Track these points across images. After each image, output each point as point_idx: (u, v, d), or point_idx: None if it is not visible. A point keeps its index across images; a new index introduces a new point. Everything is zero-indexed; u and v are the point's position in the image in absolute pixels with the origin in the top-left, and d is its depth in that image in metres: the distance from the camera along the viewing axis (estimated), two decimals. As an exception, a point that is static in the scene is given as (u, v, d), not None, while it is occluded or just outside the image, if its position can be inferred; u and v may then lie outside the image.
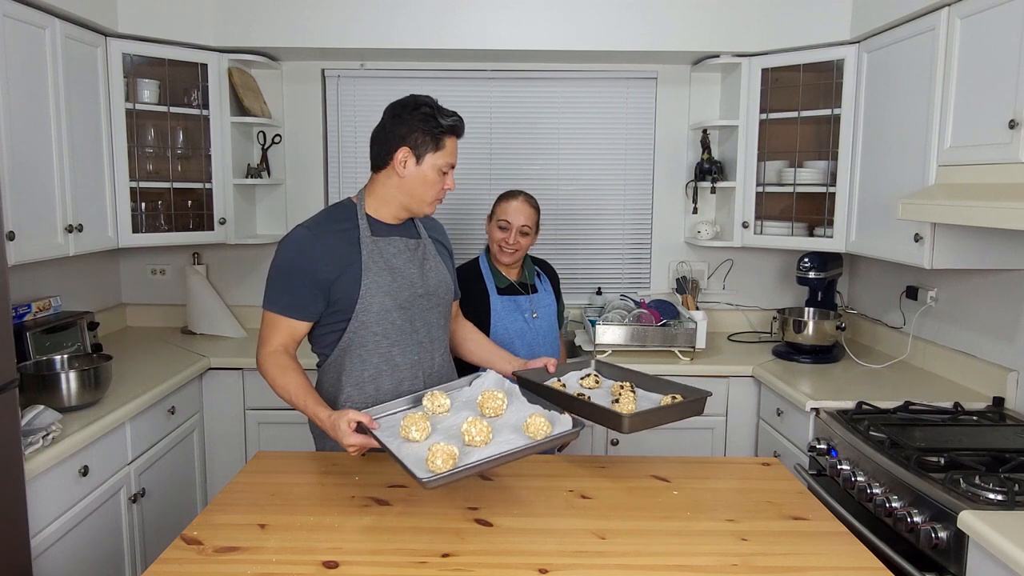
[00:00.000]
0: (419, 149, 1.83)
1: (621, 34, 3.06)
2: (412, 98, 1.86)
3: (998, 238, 2.30)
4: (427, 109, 1.82)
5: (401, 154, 1.83)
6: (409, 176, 1.85)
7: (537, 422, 1.58)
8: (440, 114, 1.83)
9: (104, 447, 2.25)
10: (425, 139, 1.82)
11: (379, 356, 1.88)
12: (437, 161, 1.85)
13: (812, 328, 2.97)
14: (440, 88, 3.49)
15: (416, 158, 1.83)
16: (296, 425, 3.01)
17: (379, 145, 1.88)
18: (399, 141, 1.83)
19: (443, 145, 1.84)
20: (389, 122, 1.85)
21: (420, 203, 1.89)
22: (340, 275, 1.82)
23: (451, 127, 1.85)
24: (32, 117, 2.41)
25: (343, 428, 1.64)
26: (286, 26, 3.06)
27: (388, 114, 1.87)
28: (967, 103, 2.16)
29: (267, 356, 1.83)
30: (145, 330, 3.49)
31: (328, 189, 3.56)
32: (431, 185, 1.86)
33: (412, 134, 1.82)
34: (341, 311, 1.84)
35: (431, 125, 1.82)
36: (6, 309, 1.77)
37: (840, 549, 1.44)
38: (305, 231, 1.85)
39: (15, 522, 1.78)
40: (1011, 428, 2.19)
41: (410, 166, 1.84)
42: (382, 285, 1.84)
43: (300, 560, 1.37)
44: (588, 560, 1.38)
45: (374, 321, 1.85)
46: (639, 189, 3.58)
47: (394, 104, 1.87)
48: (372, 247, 1.86)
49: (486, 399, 1.71)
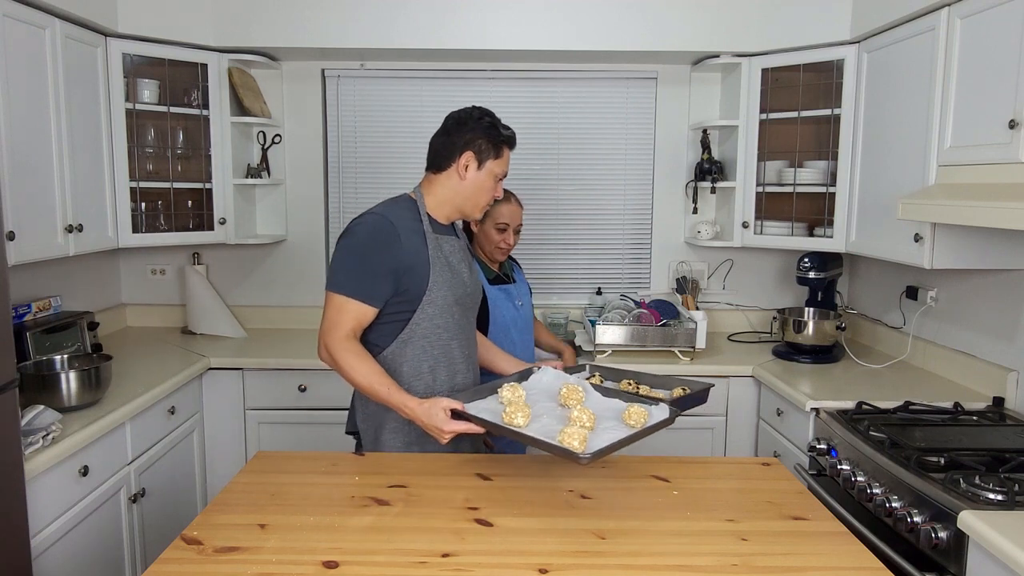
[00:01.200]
0: (482, 155, 1.93)
1: (621, 34, 3.06)
2: (476, 108, 1.96)
3: (998, 238, 2.30)
4: (489, 119, 1.95)
5: (465, 158, 1.92)
6: (469, 180, 1.93)
7: (638, 410, 1.66)
8: (500, 125, 1.96)
9: (104, 447, 2.25)
10: (488, 146, 1.93)
11: (440, 348, 1.93)
12: (495, 168, 1.95)
13: (812, 328, 2.97)
14: (440, 88, 3.49)
15: (479, 163, 1.93)
16: (296, 425, 3.03)
17: (442, 148, 1.95)
18: (464, 146, 1.92)
19: (502, 154, 1.96)
20: (454, 128, 1.94)
21: (474, 207, 1.98)
22: (413, 266, 1.86)
23: (509, 138, 1.97)
24: (32, 117, 2.41)
25: (441, 416, 1.70)
26: (286, 26, 3.06)
27: (453, 121, 1.95)
28: (967, 103, 2.16)
29: (340, 341, 1.82)
30: (145, 330, 3.50)
31: (328, 189, 3.56)
32: (487, 191, 1.96)
33: (476, 140, 1.92)
34: (407, 302, 1.88)
35: (494, 134, 1.93)
36: (6, 309, 1.77)
37: (840, 549, 1.44)
38: (381, 218, 1.86)
39: (15, 522, 1.78)
40: (1011, 428, 2.19)
41: (471, 170, 1.93)
42: (446, 280, 1.91)
43: (300, 560, 1.37)
44: (588, 560, 1.38)
45: (438, 314, 1.91)
46: (639, 189, 3.58)
47: (458, 112, 1.96)
48: (435, 243, 1.93)
49: (570, 392, 1.78)
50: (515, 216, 2.54)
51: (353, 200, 3.56)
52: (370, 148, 3.54)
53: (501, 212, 2.51)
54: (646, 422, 1.64)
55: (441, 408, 1.71)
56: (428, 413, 1.72)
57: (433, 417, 1.71)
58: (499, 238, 2.52)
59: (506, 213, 2.52)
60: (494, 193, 1.98)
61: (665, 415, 1.68)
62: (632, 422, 1.64)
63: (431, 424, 1.72)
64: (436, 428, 1.72)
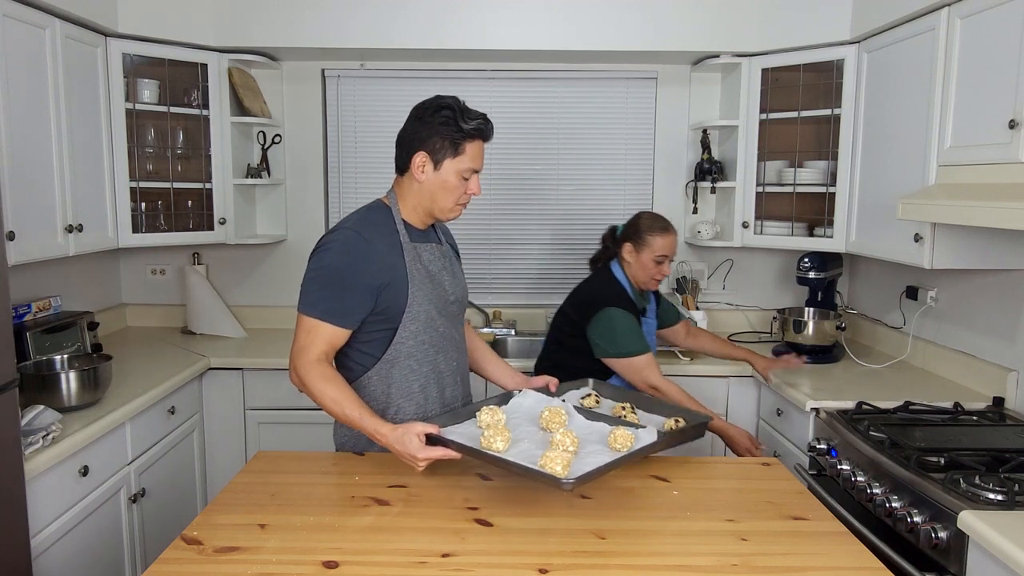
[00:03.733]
0: (437, 154, 1.76)
1: (621, 34, 3.06)
2: (436, 99, 1.78)
3: (998, 238, 2.30)
4: (448, 112, 1.74)
5: (419, 159, 1.76)
6: (427, 182, 1.78)
7: (623, 433, 1.60)
8: (463, 117, 1.74)
9: (104, 447, 2.25)
10: (444, 143, 1.75)
11: (427, 365, 1.84)
12: (458, 166, 1.76)
13: (812, 328, 2.97)
14: (440, 88, 3.45)
15: (434, 163, 1.76)
16: (296, 425, 3.03)
17: (400, 148, 1.81)
18: (418, 145, 1.76)
19: (463, 150, 1.76)
20: (410, 124, 1.79)
21: (442, 209, 1.82)
22: (390, 282, 1.75)
23: (474, 131, 1.76)
24: (32, 117, 2.41)
25: (415, 443, 1.57)
26: (286, 26, 3.06)
27: (411, 116, 1.80)
28: (967, 103, 2.16)
29: (310, 365, 1.71)
30: (145, 330, 3.50)
31: (328, 189, 3.57)
32: (451, 191, 1.78)
33: (431, 139, 1.75)
34: (386, 319, 1.78)
35: (451, 130, 1.74)
36: (6, 309, 1.77)
37: (840, 549, 1.44)
38: (354, 234, 1.74)
39: (15, 522, 1.78)
40: (1011, 428, 2.19)
41: (428, 171, 1.77)
42: (426, 292, 1.80)
43: (300, 560, 1.37)
44: (588, 560, 1.38)
45: (422, 329, 1.80)
46: (639, 189, 3.58)
47: (418, 105, 1.80)
48: (413, 253, 1.80)
49: (552, 415, 1.71)
50: (673, 247, 2.47)
51: (353, 200, 3.56)
52: (370, 148, 3.54)
53: (661, 244, 2.44)
54: (632, 446, 1.58)
55: (415, 434, 1.58)
56: (401, 440, 1.59)
57: (407, 444, 1.58)
58: (656, 269, 2.46)
59: (665, 245, 2.44)
60: (465, 191, 1.79)
61: (653, 438, 1.62)
62: (618, 446, 1.58)
63: (404, 452, 1.59)
64: (410, 456, 1.59)
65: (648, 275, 2.47)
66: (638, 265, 2.47)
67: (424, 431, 1.59)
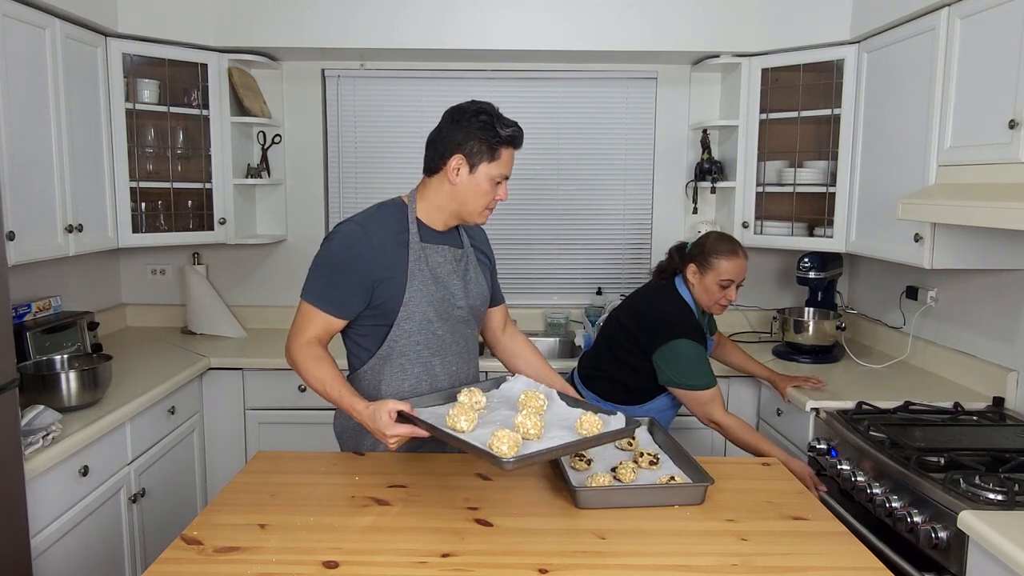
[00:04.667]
0: (474, 158, 1.77)
1: (621, 34, 3.06)
2: (473, 104, 1.80)
3: (998, 238, 2.30)
4: (486, 117, 1.76)
5: (455, 162, 1.77)
6: (461, 185, 1.79)
7: (591, 419, 1.58)
8: (499, 123, 1.77)
9: (104, 447, 2.25)
10: (481, 148, 1.76)
11: (420, 366, 1.84)
12: (491, 171, 1.78)
13: (812, 328, 2.97)
14: (440, 88, 3.49)
15: (470, 167, 1.77)
16: (296, 425, 3.03)
17: (433, 149, 1.82)
18: (455, 148, 1.77)
19: (499, 156, 1.78)
20: (447, 127, 1.79)
21: (471, 212, 1.83)
22: (386, 278, 1.77)
23: (509, 138, 1.78)
24: (32, 117, 2.41)
25: (384, 419, 1.58)
26: (286, 26, 3.06)
27: (447, 118, 1.81)
28: (967, 103, 2.16)
29: (300, 347, 1.75)
30: (145, 330, 3.50)
31: (328, 189, 3.57)
32: (483, 195, 1.80)
33: (468, 142, 1.76)
34: (382, 315, 1.80)
35: (489, 135, 1.76)
36: (6, 309, 1.77)
37: (840, 549, 1.44)
38: (357, 227, 1.78)
39: (15, 522, 1.78)
40: (1011, 428, 2.19)
41: (463, 174, 1.78)
42: (426, 294, 1.80)
43: (300, 560, 1.37)
44: (588, 560, 1.38)
45: (416, 330, 1.81)
46: (639, 189, 3.58)
47: (453, 108, 1.81)
48: (420, 253, 1.80)
49: (528, 398, 1.68)
50: (740, 271, 2.32)
51: (353, 200, 3.56)
52: (370, 148, 3.54)
53: (726, 268, 2.29)
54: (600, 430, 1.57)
55: (386, 411, 1.58)
56: (372, 416, 1.60)
57: (377, 420, 1.59)
58: (720, 294, 2.32)
59: (731, 269, 2.30)
60: (494, 196, 1.82)
61: (621, 425, 1.61)
62: (584, 431, 1.56)
63: (375, 428, 1.60)
64: (379, 432, 1.60)
65: (712, 299, 2.34)
66: (702, 288, 2.35)
67: (396, 408, 1.59)
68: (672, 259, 2.45)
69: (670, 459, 1.77)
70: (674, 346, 2.27)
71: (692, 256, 2.38)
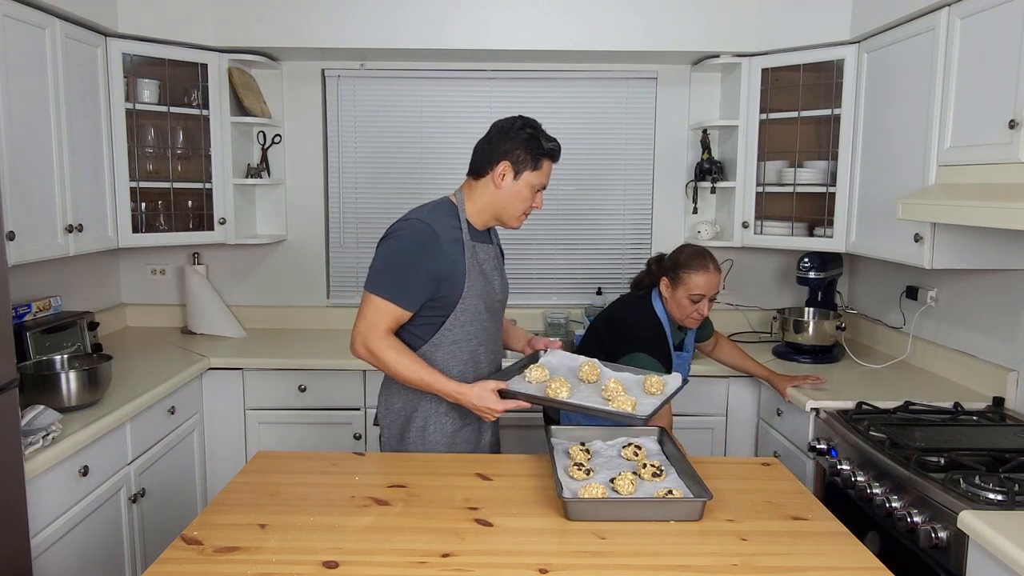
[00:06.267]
0: (519, 165, 1.94)
1: (621, 34, 3.06)
2: (520, 119, 1.98)
3: (998, 238, 2.30)
4: (531, 130, 1.95)
5: (502, 167, 1.94)
6: (505, 189, 1.95)
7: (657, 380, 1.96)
8: (543, 137, 1.96)
9: (104, 447, 2.25)
10: (526, 157, 1.94)
11: (468, 353, 1.99)
12: (532, 180, 1.96)
13: (812, 328, 2.97)
14: (440, 88, 3.49)
15: (515, 173, 1.94)
16: (296, 425, 3.03)
17: (482, 155, 1.98)
18: (502, 155, 1.94)
19: (541, 166, 1.96)
20: (496, 136, 1.96)
21: (510, 216, 2.00)
22: (451, 274, 1.91)
23: (550, 150, 1.97)
24: (32, 117, 2.41)
25: (493, 398, 1.83)
26: (286, 26, 3.06)
27: (496, 129, 1.98)
28: (967, 103, 2.16)
29: (380, 339, 1.88)
30: (145, 330, 3.50)
31: (328, 189, 3.57)
32: (523, 200, 1.97)
33: (515, 151, 1.93)
34: (441, 308, 1.93)
35: (533, 145, 1.94)
36: (6, 309, 1.77)
37: (840, 549, 1.44)
38: (425, 226, 1.90)
39: (15, 522, 1.78)
40: (1011, 428, 2.19)
41: (507, 179, 1.95)
42: (479, 289, 1.96)
43: (300, 560, 1.37)
44: (588, 560, 1.38)
45: (470, 321, 1.96)
46: (639, 189, 3.58)
47: (503, 120, 1.99)
48: (472, 251, 1.96)
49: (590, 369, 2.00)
50: (711, 286, 2.31)
51: (353, 200, 3.56)
52: (370, 148, 3.54)
53: (696, 282, 2.28)
54: (664, 388, 1.94)
55: (490, 390, 1.83)
56: (480, 396, 1.83)
57: (485, 399, 1.83)
58: (692, 308, 2.31)
59: (702, 284, 2.28)
60: (531, 204, 1.99)
61: (678, 383, 1.97)
62: (654, 390, 1.92)
63: (483, 406, 1.83)
64: (488, 409, 1.83)
65: (684, 313, 2.33)
66: (674, 302, 2.34)
67: (497, 387, 1.84)
68: (649, 271, 2.45)
69: (675, 471, 1.75)
70: (634, 357, 2.28)
71: (665, 270, 2.38)
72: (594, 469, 1.72)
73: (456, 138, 3.51)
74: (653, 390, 1.92)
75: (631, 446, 1.82)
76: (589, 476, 1.69)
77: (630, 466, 1.76)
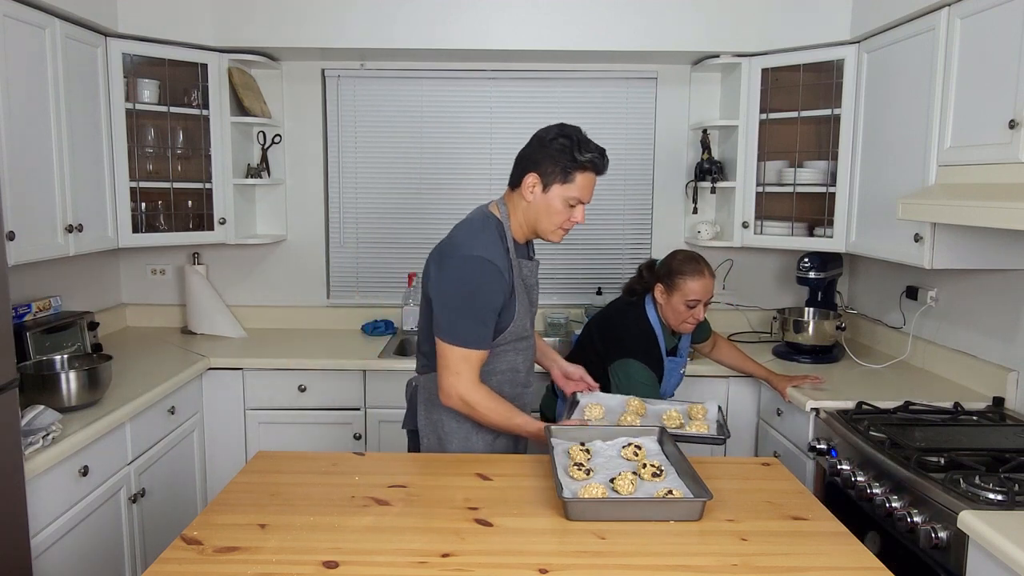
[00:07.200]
0: (547, 178, 1.86)
1: (621, 34, 3.06)
2: (558, 127, 1.90)
3: (998, 238, 2.30)
4: (565, 141, 1.86)
5: (530, 179, 1.88)
6: (534, 202, 1.89)
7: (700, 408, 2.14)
8: (578, 148, 1.86)
9: (104, 447, 2.25)
10: (555, 169, 1.86)
11: (507, 364, 1.99)
12: (564, 193, 1.87)
13: (812, 328, 2.97)
14: (440, 88, 3.49)
15: (543, 186, 1.87)
16: (296, 425, 3.03)
17: (517, 165, 1.93)
18: (531, 166, 1.88)
19: (572, 179, 1.87)
20: (531, 145, 1.91)
21: (545, 230, 1.93)
22: (507, 300, 1.89)
23: (587, 163, 1.87)
24: (32, 117, 2.41)
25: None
26: (286, 26, 3.06)
27: (534, 137, 1.92)
28: (967, 103, 2.16)
29: (474, 389, 1.87)
30: (145, 330, 3.50)
31: (328, 189, 3.57)
32: (555, 214, 1.89)
33: (544, 162, 1.86)
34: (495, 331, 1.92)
35: (564, 157, 1.85)
36: (6, 309, 1.77)
37: (840, 549, 1.44)
38: (491, 265, 1.83)
39: (15, 522, 1.78)
40: (1011, 428, 2.19)
41: (536, 192, 1.88)
42: (525, 306, 1.95)
43: (300, 560, 1.37)
44: (588, 560, 1.38)
45: (515, 335, 1.95)
46: (639, 189, 3.58)
47: (542, 130, 1.92)
48: (518, 270, 1.94)
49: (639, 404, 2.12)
50: (706, 291, 2.35)
51: (353, 200, 3.56)
52: (370, 148, 3.54)
53: (692, 288, 2.32)
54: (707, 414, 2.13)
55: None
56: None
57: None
58: (688, 314, 2.35)
59: (697, 289, 2.32)
60: (568, 218, 1.91)
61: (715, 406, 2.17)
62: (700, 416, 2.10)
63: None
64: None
65: (680, 319, 2.36)
66: (669, 308, 2.37)
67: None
68: (641, 277, 2.47)
69: (675, 471, 1.74)
70: (623, 364, 2.33)
71: (659, 276, 2.40)
72: (594, 469, 1.72)
73: (456, 138, 3.51)
74: (700, 416, 2.08)
75: (631, 446, 1.82)
76: (589, 476, 1.69)
77: (630, 466, 1.75)
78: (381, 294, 3.61)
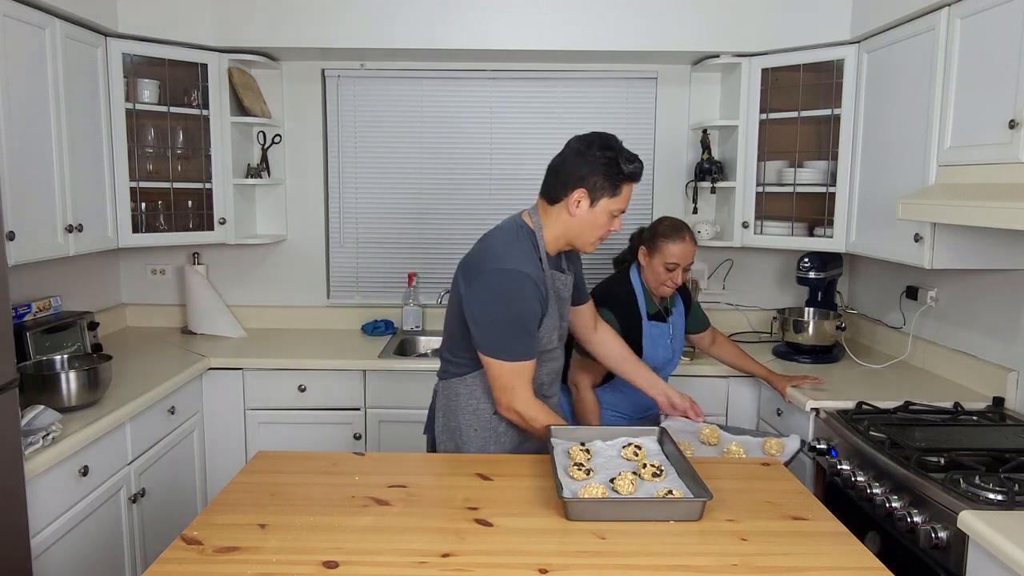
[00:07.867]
0: (595, 193, 1.81)
1: (621, 34, 3.06)
2: (598, 137, 1.83)
3: (998, 238, 2.30)
4: (611, 153, 1.80)
5: (577, 195, 1.82)
6: (580, 217, 1.84)
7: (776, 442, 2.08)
8: (623, 159, 1.80)
9: (104, 447, 2.25)
10: (604, 184, 1.81)
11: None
12: (611, 206, 1.84)
13: (812, 328, 2.97)
14: (440, 88, 3.49)
15: (591, 201, 1.82)
16: (296, 425, 3.03)
17: (556, 178, 1.85)
18: (577, 182, 1.81)
19: (620, 191, 1.83)
20: (571, 158, 1.83)
21: (584, 243, 1.90)
22: (543, 313, 1.87)
23: (631, 174, 1.82)
24: (32, 117, 2.41)
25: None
26: (286, 26, 3.06)
27: (572, 150, 1.84)
28: (967, 103, 2.16)
29: (529, 402, 1.86)
30: (145, 330, 3.50)
31: (328, 189, 3.57)
32: (600, 227, 1.86)
33: (592, 177, 1.80)
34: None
35: (613, 171, 1.80)
36: (6, 309, 1.77)
37: (840, 549, 1.44)
38: (528, 279, 1.80)
39: (15, 522, 1.78)
40: (1011, 428, 2.19)
41: (583, 207, 1.83)
42: (554, 318, 1.92)
43: (300, 560, 1.37)
44: (588, 560, 1.38)
45: (543, 345, 1.92)
46: (639, 189, 3.57)
47: (580, 139, 1.84)
48: (551, 283, 1.89)
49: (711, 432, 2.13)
50: (687, 255, 2.39)
51: (353, 200, 3.56)
52: (370, 148, 3.54)
53: (671, 251, 2.38)
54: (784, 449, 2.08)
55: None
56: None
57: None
58: (666, 276, 2.41)
59: (676, 252, 2.38)
60: (609, 228, 1.88)
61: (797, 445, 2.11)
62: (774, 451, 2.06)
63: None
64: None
65: (658, 280, 2.42)
66: (650, 270, 2.44)
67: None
68: (631, 246, 2.55)
69: (675, 471, 1.74)
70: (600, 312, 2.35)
71: (643, 239, 2.49)
72: (594, 469, 1.72)
73: (456, 138, 3.51)
74: (773, 451, 2.02)
75: (631, 446, 1.82)
76: (589, 476, 1.69)
77: (630, 466, 1.75)
78: (381, 294, 3.61)
